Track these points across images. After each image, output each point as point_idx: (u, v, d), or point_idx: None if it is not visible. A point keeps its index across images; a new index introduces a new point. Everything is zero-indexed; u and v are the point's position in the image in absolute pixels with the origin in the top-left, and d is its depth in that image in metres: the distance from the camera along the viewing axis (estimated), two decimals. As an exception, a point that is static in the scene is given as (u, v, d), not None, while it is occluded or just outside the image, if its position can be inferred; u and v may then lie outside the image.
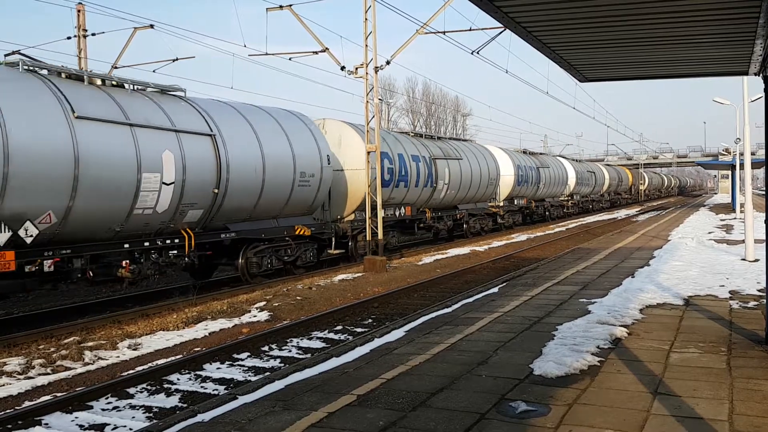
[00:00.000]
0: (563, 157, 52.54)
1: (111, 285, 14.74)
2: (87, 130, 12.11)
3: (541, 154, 46.42)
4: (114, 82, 13.92)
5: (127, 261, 13.34)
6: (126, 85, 14.13)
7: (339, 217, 21.39)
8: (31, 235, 11.11)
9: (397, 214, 23.69)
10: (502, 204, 34.39)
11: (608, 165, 72.52)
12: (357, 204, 21.40)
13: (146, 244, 13.73)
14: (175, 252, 14.50)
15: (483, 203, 31.86)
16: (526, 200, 38.31)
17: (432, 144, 26.91)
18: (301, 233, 18.37)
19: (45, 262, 11.49)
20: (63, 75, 12.85)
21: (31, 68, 12.39)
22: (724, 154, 62.13)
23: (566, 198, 48.14)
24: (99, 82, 13.57)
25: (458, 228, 30.43)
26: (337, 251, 20.74)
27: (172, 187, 13.71)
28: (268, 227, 17.35)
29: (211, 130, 15.13)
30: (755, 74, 8.53)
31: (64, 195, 11.58)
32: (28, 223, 10.87)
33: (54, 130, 11.55)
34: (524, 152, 41.98)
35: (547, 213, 43.26)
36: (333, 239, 19.86)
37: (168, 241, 14.24)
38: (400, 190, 23.50)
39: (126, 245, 13.30)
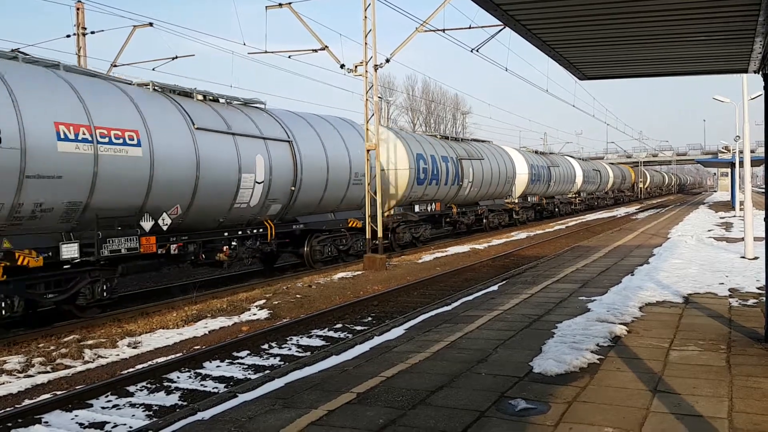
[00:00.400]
0: (571, 157, 55.25)
1: (211, 267, 17.02)
2: (203, 139, 14.79)
3: (551, 153, 49.53)
4: (211, 97, 16.34)
5: (227, 246, 15.97)
6: (221, 99, 16.71)
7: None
8: (166, 224, 13.94)
9: (428, 209, 26.24)
10: (517, 201, 36.81)
11: (612, 164, 75.28)
12: (397, 200, 23.79)
13: (240, 233, 16.44)
14: (260, 240, 17.21)
15: (501, 200, 34.47)
16: (538, 197, 40.84)
17: (458, 146, 29.52)
18: (354, 225, 20.96)
19: (171, 246, 14.26)
20: (177, 92, 15.28)
21: (157, 88, 14.87)
22: (723, 152, 62.15)
23: (574, 195, 50.66)
24: (201, 97, 15.95)
25: (478, 223, 32.49)
26: (378, 242, 22.41)
27: (261, 185, 16.54)
28: (328, 220, 20.09)
29: (288, 137, 17.95)
30: (755, 72, 8.53)
31: (188, 192, 14.34)
32: (164, 215, 13.88)
33: (182, 140, 14.22)
34: (536, 152, 44.55)
35: (556, 209, 45.61)
36: (380, 231, 21.47)
37: (255, 231, 17.02)
38: (432, 188, 25.93)
39: (225, 233, 16.00)
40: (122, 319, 12.79)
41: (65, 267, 12.14)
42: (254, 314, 13.19)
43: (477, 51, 19.08)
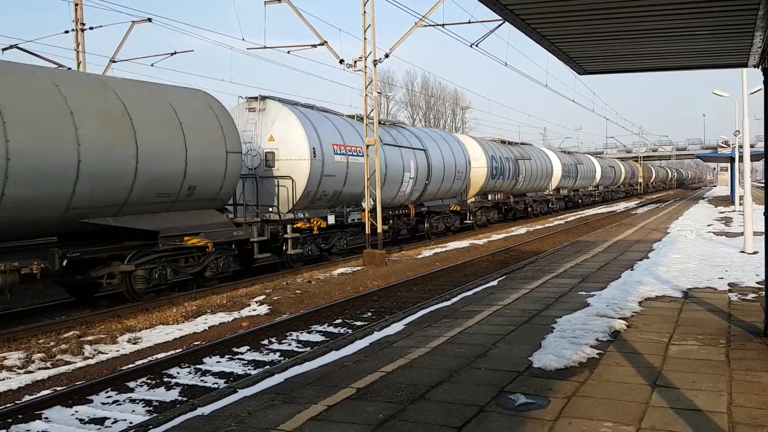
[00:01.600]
0: (591, 155, 64.88)
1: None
2: (387, 150, 23.05)
3: (575, 152, 58.68)
4: (381, 121, 23.59)
5: (390, 221, 23.64)
6: (386, 123, 25.60)
7: (465, 199, 31.64)
8: (371, 205, 20.86)
9: (496, 198, 34.58)
10: (552, 192, 45.78)
11: (623, 160, 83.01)
12: (476, 190, 32.21)
13: (398, 211, 24.77)
14: (406, 217, 25.54)
15: (541, 192, 43.51)
16: (568, 190, 50.54)
17: (513, 148, 38.03)
18: (454, 209, 29.43)
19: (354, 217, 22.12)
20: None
21: (357, 117, 23.30)
22: (723, 147, 62.06)
23: (593, 188, 59.50)
24: (355, 118, 23.49)
25: (524, 210, 39.99)
26: (468, 221, 31.45)
27: (413, 180, 24.93)
28: (440, 204, 28.41)
29: (423, 147, 26.28)
30: (754, 66, 8.51)
31: (392, 185, 23.51)
32: (370, 200, 20.78)
33: (379, 151, 21.57)
34: (563, 151, 53.51)
35: (579, 201, 54.81)
36: (468, 213, 31.36)
37: (404, 211, 25.29)
38: (500, 181, 34.27)
39: (390, 212, 23.59)
40: (122, 314, 12.80)
41: (328, 229, 20.23)
42: (254, 310, 13.20)
43: (476, 46, 19.07)
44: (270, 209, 18.28)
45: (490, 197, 33.51)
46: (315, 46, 20.65)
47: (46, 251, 12.02)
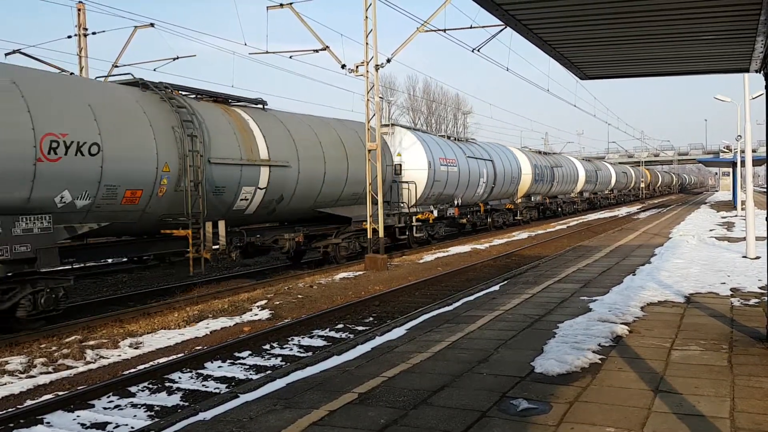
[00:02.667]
0: (609, 163, 71.97)
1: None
2: (468, 161, 29.13)
3: (597, 159, 68.99)
4: (447, 136, 30.57)
5: (468, 216, 30.38)
6: (451, 137, 30.67)
7: (516, 200, 37.31)
8: (458, 204, 27.96)
9: (536, 200, 41.15)
10: (577, 195, 52.24)
11: (634, 166, 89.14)
12: (523, 193, 38.09)
13: (472, 209, 30.63)
14: (477, 213, 31.62)
15: (568, 195, 49.86)
16: (589, 193, 56.87)
17: (549, 157, 45.25)
18: (509, 207, 35.79)
19: (449, 211, 28.08)
20: (454, 139, 29.97)
21: (448, 136, 29.89)
22: (725, 152, 62.04)
23: (609, 192, 66.21)
24: (452, 138, 30.28)
25: (554, 211, 46.36)
26: (518, 218, 37.41)
27: (485, 184, 31.13)
28: (499, 204, 34.40)
29: (491, 157, 32.39)
30: (756, 71, 8.52)
31: (464, 187, 28.56)
32: (458, 199, 27.74)
33: (464, 163, 28.54)
34: (585, 159, 61.93)
35: (598, 202, 61.47)
36: (517, 211, 37.36)
37: (476, 208, 31.20)
38: (540, 185, 40.54)
39: (468, 209, 30.10)
40: (124, 319, 12.80)
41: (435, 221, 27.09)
42: (256, 314, 13.19)
43: (478, 51, 19.08)
44: (401, 205, 24.49)
45: (532, 199, 40.42)
46: (317, 51, 20.70)
47: (299, 229, 19.11)
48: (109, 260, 19.51)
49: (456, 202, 28.18)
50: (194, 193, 14.21)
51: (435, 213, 26.03)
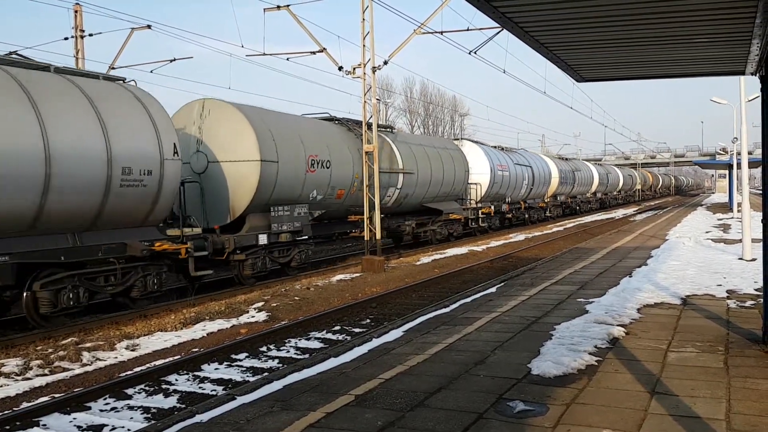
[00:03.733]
0: (617, 167, 77.80)
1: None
2: (517, 168, 36.05)
3: (605, 164, 73.56)
4: (500, 147, 36.17)
5: (512, 212, 35.89)
6: (504, 148, 36.58)
7: (545, 200, 43.87)
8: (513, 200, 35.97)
9: (560, 200, 47.86)
10: (591, 195, 58.57)
11: (638, 168, 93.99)
12: (551, 193, 44.66)
13: (516, 206, 36.74)
14: (520, 210, 37.86)
15: (584, 195, 56.26)
16: (601, 194, 62.69)
17: (570, 162, 52.69)
18: (542, 206, 42.06)
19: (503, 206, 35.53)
20: (502, 149, 35.80)
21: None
22: (721, 154, 62.29)
23: (617, 193, 71.98)
24: (499, 148, 35.93)
25: (572, 209, 52.11)
26: (549, 214, 44.45)
27: (527, 186, 37.80)
28: (534, 202, 41.03)
29: (529, 164, 38.89)
30: (752, 74, 8.54)
31: (510, 188, 35.26)
32: (509, 198, 35.23)
33: (507, 169, 34.70)
34: (597, 163, 68.81)
35: (608, 202, 66.90)
36: (547, 208, 43.96)
37: (518, 205, 37.45)
38: (563, 187, 46.95)
39: (513, 206, 36.08)
40: (120, 321, 12.78)
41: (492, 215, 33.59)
42: (252, 316, 13.18)
43: (475, 53, 19.11)
44: (470, 201, 30.93)
45: (557, 198, 47.22)
46: (314, 53, 20.71)
47: (411, 218, 26.02)
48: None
49: (507, 200, 35.61)
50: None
51: (492, 208, 32.91)
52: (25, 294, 11.65)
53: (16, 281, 11.32)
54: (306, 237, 18.80)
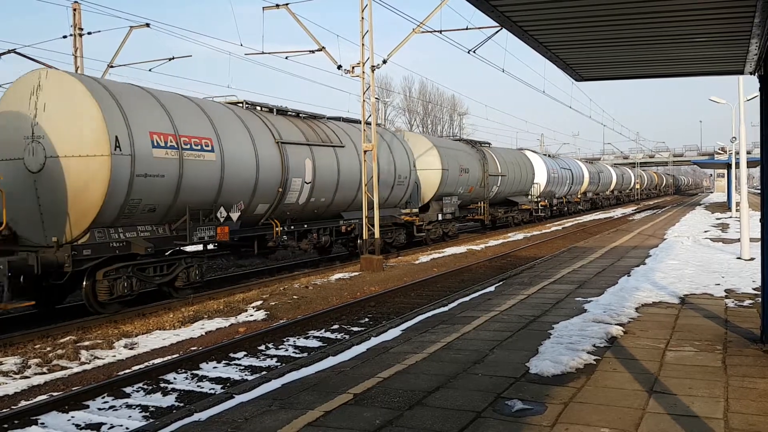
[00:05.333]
0: (630, 167, 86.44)
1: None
2: (563, 171, 46.61)
3: (620, 166, 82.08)
4: (549, 155, 47.30)
5: (555, 206, 45.70)
6: (551, 156, 46.74)
7: (579, 196, 52.19)
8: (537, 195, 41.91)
9: (589, 196, 56.15)
10: (610, 193, 66.87)
11: (633, 167, 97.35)
12: (583, 190, 50.90)
13: (559, 200, 46.56)
14: (562, 204, 48.38)
15: (604, 194, 64.58)
16: (617, 191, 70.52)
17: (595, 165, 62.32)
18: (576, 200, 50.50)
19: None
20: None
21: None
22: (720, 153, 62.29)
23: (630, 191, 78.64)
24: (547, 155, 46.74)
25: (596, 203, 60.79)
26: (580, 207, 52.44)
27: (568, 185, 47.71)
28: (571, 197, 49.52)
29: (569, 167, 48.67)
30: (751, 73, 8.54)
31: (557, 186, 45.74)
32: (557, 194, 45.95)
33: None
34: (615, 165, 76.39)
35: (623, 198, 74.15)
36: (579, 203, 52.25)
37: (560, 200, 47.11)
38: (592, 186, 55.62)
39: (557, 201, 46.10)
40: (119, 319, 12.77)
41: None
42: (251, 315, 13.18)
43: (474, 52, 19.10)
44: (531, 196, 39.89)
45: (587, 195, 56.33)
46: (313, 51, 20.71)
47: (497, 207, 35.24)
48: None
49: (556, 196, 44.88)
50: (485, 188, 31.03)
51: (547, 202, 42.39)
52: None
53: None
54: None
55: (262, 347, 10.88)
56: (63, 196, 12.49)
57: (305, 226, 18.72)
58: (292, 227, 18.22)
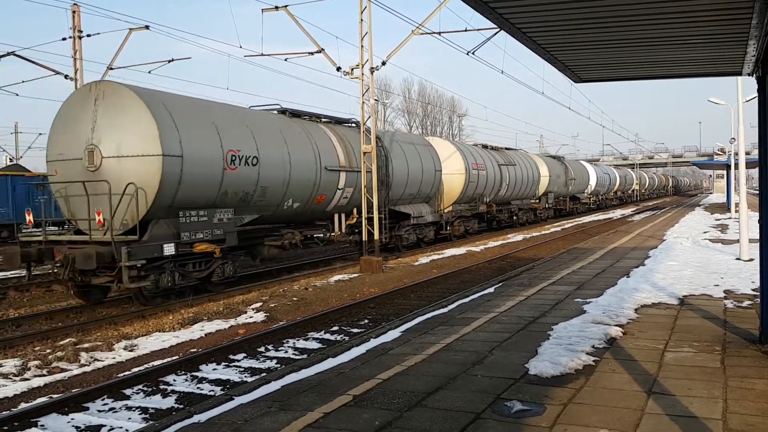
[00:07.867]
0: (631, 168, 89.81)
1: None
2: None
3: (624, 167, 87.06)
4: (558, 158, 51.04)
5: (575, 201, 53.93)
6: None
7: (589, 196, 57.78)
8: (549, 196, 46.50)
9: (600, 197, 62.26)
10: (613, 194, 70.36)
11: (618, 167, 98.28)
12: (544, 191, 45.34)
13: (576, 197, 54.73)
14: (580, 203, 55.89)
15: (609, 193, 68.09)
16: (620, 192, 73.66)
17: (603, 168, 67.30)
18: (585, 201, 55.99)
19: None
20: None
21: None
22: (719, 154, 62.31)
23: (631, 192, 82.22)
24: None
25: (605, 203, 66.90)
26: (592, 206, 59.71)
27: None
28: (583, 196, 56.89)
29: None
30: (749, 74, 8.56)
31: (573, 188, 52.03)
32: (556, 192, 48.91)
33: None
34: (632, 168, 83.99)
35: (626, 199, 78.56)
36: (589, 202, 59.05)
37: (576, 198, 55.36)
38: (602, 188, 61.40)
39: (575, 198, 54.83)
40: (118, 321, 12.79)
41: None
42: (251, 317, 13.18)
43: (473, 54, 19.12)
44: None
45: (599, 195, 62.47)
46: (312, 53, 20.74)
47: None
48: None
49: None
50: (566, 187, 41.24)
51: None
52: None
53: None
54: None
55: (262, 349, 10.88)
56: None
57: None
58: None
